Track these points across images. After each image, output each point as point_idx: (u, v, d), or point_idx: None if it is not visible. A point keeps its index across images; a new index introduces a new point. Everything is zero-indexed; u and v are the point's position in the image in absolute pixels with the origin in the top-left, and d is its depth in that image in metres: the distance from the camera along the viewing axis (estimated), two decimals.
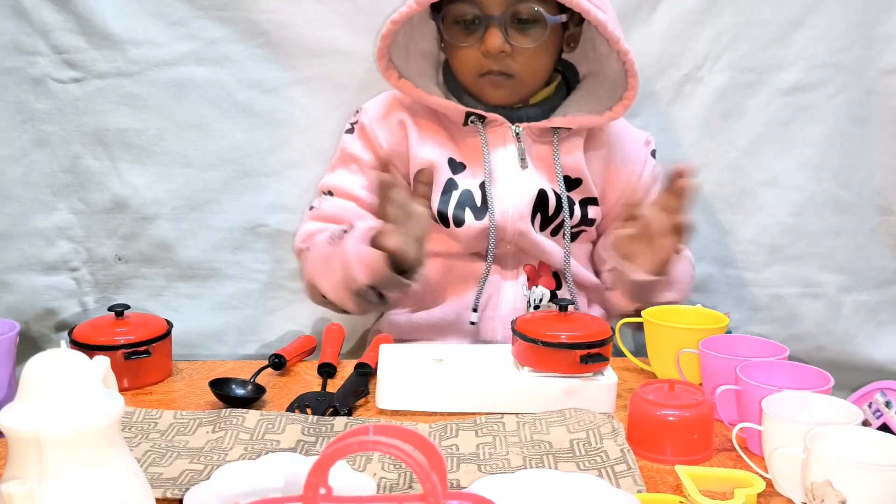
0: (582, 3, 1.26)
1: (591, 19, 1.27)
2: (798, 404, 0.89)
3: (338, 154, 1.48)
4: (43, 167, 1.62)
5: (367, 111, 1.46)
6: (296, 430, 0.97)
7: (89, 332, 1.10)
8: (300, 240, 1.44)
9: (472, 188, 1.37)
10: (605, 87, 1.42)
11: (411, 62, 1.39)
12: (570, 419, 0.99)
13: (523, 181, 1.37)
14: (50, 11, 1.56)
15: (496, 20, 1.30)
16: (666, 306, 1.21)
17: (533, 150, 1.39)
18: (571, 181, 1.41)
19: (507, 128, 1.38)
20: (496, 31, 1.30)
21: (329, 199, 1.42)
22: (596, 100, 1.42)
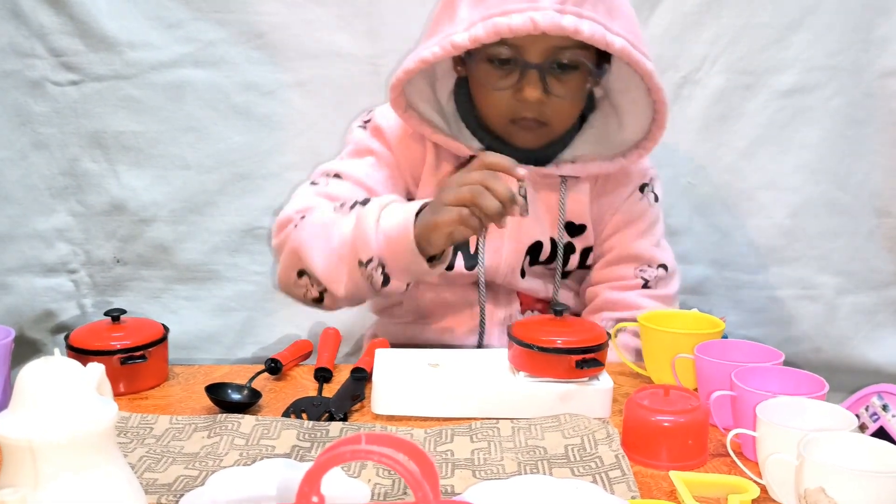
0: (633, 53, 1.16)
1: (638, 70, 1.19)
2: (792, 410, 0.89)
3: (349, 147, 1.37)
4: (41, 169, 1.63)
5: (386, 117, 1.34)
6: (291, 435, 0.97)
7: (85, 337, 1.10)
8: (294, 210, 1.28)
9: None
10: (615, 121, 1.33)
11: (413, 82, 1.27)
12: (564, 424, 0.99)
13: (520, 231, 1.31)
14: (47, 14, 1.57)
15: (536, 67, 1.19)
16: (662, 311, 1.21)
17: (538, 194, 1.32)
18: (575, 227, 1.35)
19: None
20: (536, 81, 1.20)
21: (337, 181, 1.30)
22: (606, 137, 1.33)
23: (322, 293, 1.22)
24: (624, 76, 1.27)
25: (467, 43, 1.15)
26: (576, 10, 1.13)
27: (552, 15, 1.12)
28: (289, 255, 1.24)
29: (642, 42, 1.20)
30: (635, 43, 1.17)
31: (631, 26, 1.19)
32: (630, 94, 1.28)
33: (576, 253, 1.36)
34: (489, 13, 1.14)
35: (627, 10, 1.20)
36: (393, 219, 1.13)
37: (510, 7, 1.14)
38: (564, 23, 1.12)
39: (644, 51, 1.19)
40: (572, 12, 1.13)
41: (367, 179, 1.30)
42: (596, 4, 1.15)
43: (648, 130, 1.28)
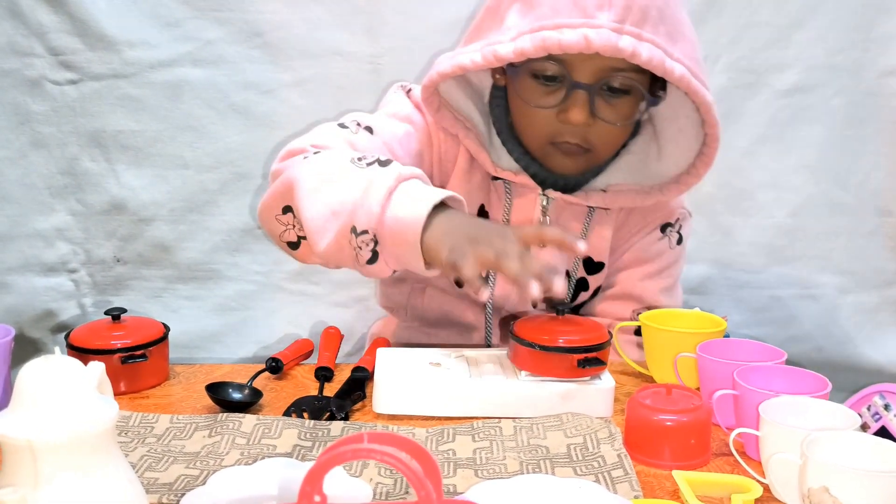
0: (693, 83, 1.06)
1: (696, 101, 1.09)
2: (795, 409, 0.89)
3: (385, 108, 1.24)
4: (41, 169, 1.63)
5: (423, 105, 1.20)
6: (292, 434, 0.97)
7: (86, 336, 1.10)
8: (310, 143, 1.13)
9: None
10: (655, 148, 1.23)
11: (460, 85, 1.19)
12: (567, 424, 0.99)
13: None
14: (46, 13, 1.56)
15: (585, 88, 1.10)
16: (664, 310, 1.21)
17: (561, 222, 1.23)
18: (594, 264, 1.28)
19: (535, 194, 1.22)
20: (583, 103, 1.10)
21: (367, 134, 1.16)
22: (644, 165, 1.24)
23: (300, 239, 1.06)
24: (673, 102, 1.17)
25: (511, 55, 1.06)
26: (635, 31, 1.03)
27: (608, 34, 1.02)
28: (282, 185, 1.06)
29: (702, 69, 1.10)
30: (695, 71, 1.07)
31: (692, 52, 1.09)
32: (677, 123, 1.19)
33: (588, 290, 1.30)
34: (539, 25, 1.04)
35: (690, 34, 1.10)
36: (406, 205, 0.97)
37: (563, 21, 1.03)
38: (622, 44, 1.02)
39: (703, 79, 1.09)
40: (631, 33, 1.03)
41: (398, 147, 1.18)
42: (657, 25, 1.04)
43: (692, 164, 1.18)
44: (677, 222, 1.31)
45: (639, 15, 1.03)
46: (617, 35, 1.02)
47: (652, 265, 1.31)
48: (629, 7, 1.03)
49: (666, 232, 1.30)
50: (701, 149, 1.17)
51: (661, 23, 1.05)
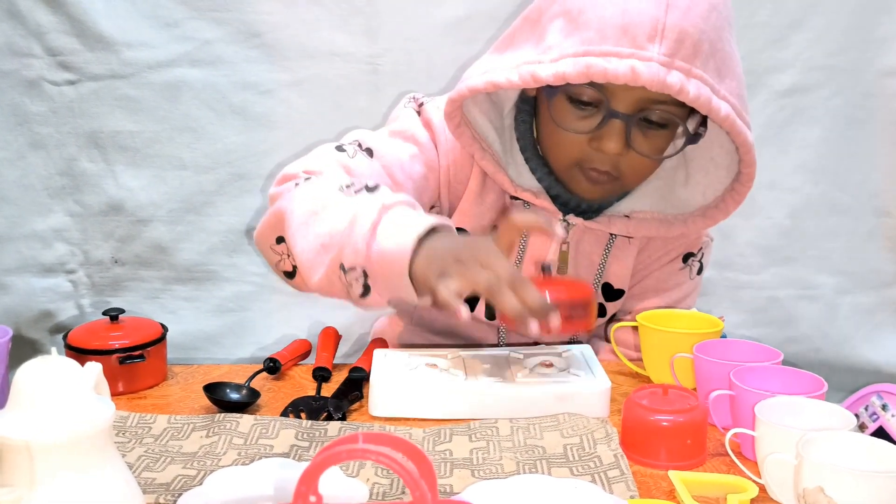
0: (737, 123, 1.02)
1: (737, 141, 1.05)
2: (791, 410, 0.89)
3: (392, 125, 1.19)
4: (39, 169, 1.63)
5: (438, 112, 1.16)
6: (290, 434, 0.97)
7: (84, 337, 1.10)
8: (303, 168, 1.10)
9: None
10: (683, 174, 1.19)
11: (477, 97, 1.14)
12: (563, 424, 0.99)
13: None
14: (44, 14, 1.57)
15: (623, 118, 1.05)
16: (661, 310, 1.21)
17: (581, 247, 1.20)
18: (613, 290, 1.25)
19: (556, 219, 1.17)
20: (619, 132, 1.05)
21: (366, 157, 1.11)
22: (670, 191, 1.19)
23: (295, 269, 1.03)
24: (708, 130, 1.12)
25: (552, 79, 1.00)
26: (685, 67, 0.98)
27: (657, 69, 0.97)
28: (274, 216, 1.04)
29: (746, 106, 1.06)
30: (741, 110, 1.03)
31: (738, 89, 1.04)
32: (710, 152, 1.14)
33: (606, 317, 1.27)
34: (584, 50, 0.99)
35: (738, 69, 1.05)
36: (392, 237, 0.93)
37: (610, 49, 0.98)
38: (670, 80, 0.97)
39: (747, 118, 1.04)
40: (681, 68, 0.98)
41: (399, 171, 1.13)
42: (708, 60, 0.99)
43: (720, 198, 1.14)
44: (700, 251, 1.28)
45: (690, 49, 0.98)
46: (666, 70, 0.98)
47: (670, 296, 1.28)
48: (681, 41, 0.98)
49: (688, 262, 1.27)
50: (733, 185, 1.13)
51: (711, 57, 1.00)
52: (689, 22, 0.98)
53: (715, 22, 1.00)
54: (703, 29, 0.99)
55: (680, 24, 0.97)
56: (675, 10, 0.97)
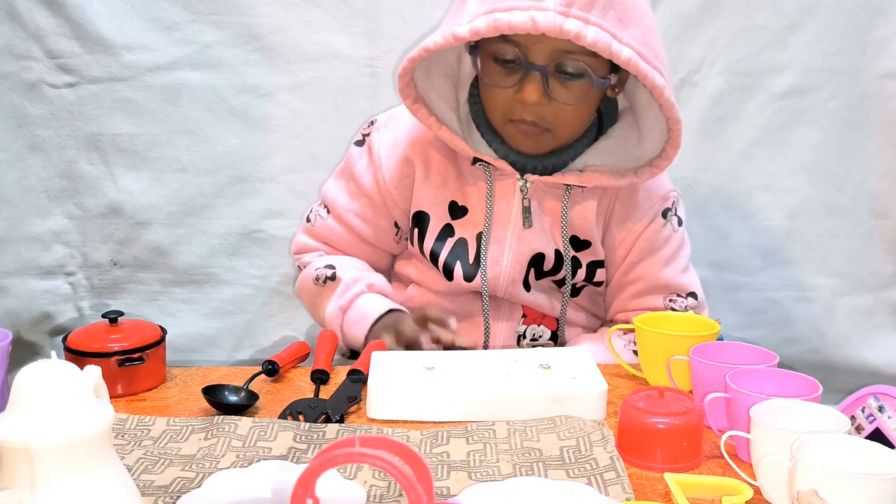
0: (641, 66, 1.11)
1: (647, 84, 1.14)
2: (786, 412, 0.89)
3: (344, 162, 1.41)
4: (38, 172, 1.64)
5: (380, 132, 1.36)
6: (288, 437, 0.97)
7: (83, 339, 1.11)
8: (294, 250, 1.45)
9: (468, 237, 1.31)
10: (636, 135, 1.29)
11: (433, 79, 1.27)
12: (560, 426, 0.99)
13: (522, 242, 1.29)
14: (44, 16, 1.57)
15: (538, 69, 1.17)
16: (657, 313, 1.21)
17: (543, 204, 1.30)
18: (580, 242, 1.32)
19: (515, 179, 1.29)
20: (537, 82, 1.17)
21: (322, 216, 1.40)
22: (623, 150, 1.29)
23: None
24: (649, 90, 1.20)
25: (467, 34, 1.12)
26: (582, 15, 1.09)
27: (554, 17, 1.09)
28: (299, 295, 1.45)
29: (657, 55, 1.15)
30: (647, 55, 1.12)
31: (646, 37, 1.13)
32: (652, 110, 1.24)
33: (582, 268, 1.33)
34: (493, 7, 1.12)
35: (644, 20, 1.15)
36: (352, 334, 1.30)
37: (514, 4, 1.10)
38: (567, 26, 1.09)
39: (657, 64, 1.13)
40: (577, 16, 1.09)
41: (346, 215, 1.37)
42: (606, 10, 1.10)
43: (663, 149, 1.24)
44: (674, 205, 1.36)
45: (586, 1, 1.09)
46: (563, 17, 1.09)
47: (664, 252, 1.35)
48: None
49: (667, 217, 1.35)
50: (668, 133, 1.21)
51: (610, 8, 1.11)
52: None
53: None
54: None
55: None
56: None
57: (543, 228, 1.31)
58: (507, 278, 1.31)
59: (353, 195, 1.37)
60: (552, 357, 1.13)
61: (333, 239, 1.40)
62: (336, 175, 1.41)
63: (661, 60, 1.15)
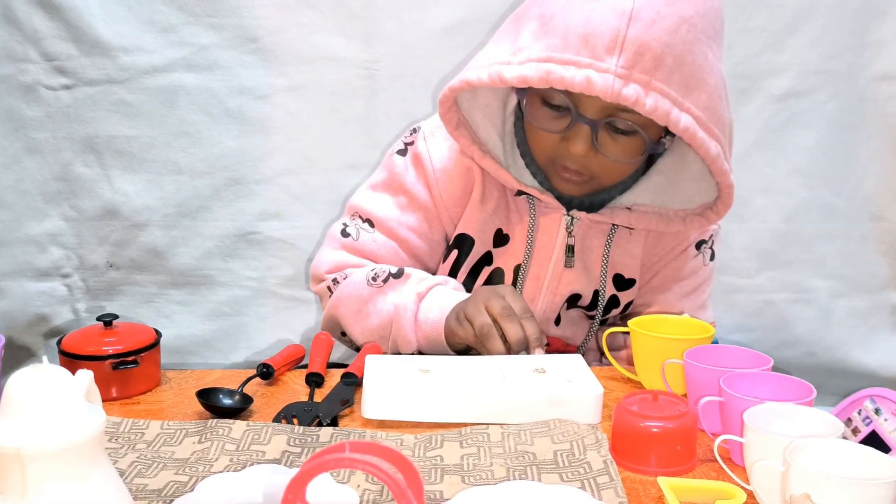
0: (698, 135, 1.04)
1: (701, 154, 1.08)
2: (780, 416, 0.89)
3: (384, 173, 1.30)
4: (34, 174, 1.64)
5: (429, 141, 1.25)
6: (281, 440, 0.97)
7: (78, 342, 1.11)
8: (326, 268, 1.30)
9: (506, 268, 1.26)
10: (686, 175, 1.22)
11: (479, 97, 1.19)
12: (554, 430, 0.99)
13: (561, 283, 1.25)
14: (41, 19, 1.57)
15: (588, 122, 1.10)
16: (652, 316, 1.21)
17: (587, 241, 1.25)
18: (624, 280, 1.28)
19: (560, 214, 1.23)
20: (585, 135, 1.10)
21: (367, 230, 1.28)
22: (673, 186, 1.23)
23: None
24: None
25: (515, 82, 1.05)
26: (644, 79, 1.01)
27: (613, 80, 1.00)
28: (329, 320, 1.29)
29: (719, 119, 1.08)
30: (707, 121, 1.05)
31: (710, 100, 1.06)
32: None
33: (619, 307, 1.30)
34: (548, 56, 1.03)
35: (711, 80, 1.06)
36: (429, 321, 1.16)
37: (571, 57, 1.02)
38: (626, 92, 1.01)
39: (716, 132, 1.07)
40: (639, 81, 1.01)
41: (398, 229, 1.26)
42: (672, 73, 1.01)
43: (713, 202, 1.19)
44: (710, 238, 1.32)
45: (651, 62, 1.01)
46: (622, 82, 1.01)
47: (688, 283, 1.31)
48: (641, 54, 1.00)
49: (701, 249, 1.31)
50: (719, 191, 1.17)
51: (676, 70, 1.02)
52: (651, 35, 1.00)
53: (685, 35, 1.02)
54: (667, 42, 1.01)
55: (641, 38, 1.00)
56: (637, 23, 1.00)
57: (586, 268, 1.25)
58: (540, 316, 1.27)
59: (404, 208, 1.27)
60: (547, 362, 1.13)
61: (383, 255, 1.28)
62: (374, 188, 1.31)
63: (721, 124, 1.08)
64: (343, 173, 1.65)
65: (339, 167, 1.66)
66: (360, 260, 1.28)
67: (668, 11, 1.01)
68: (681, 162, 1.22)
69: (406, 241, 1.27)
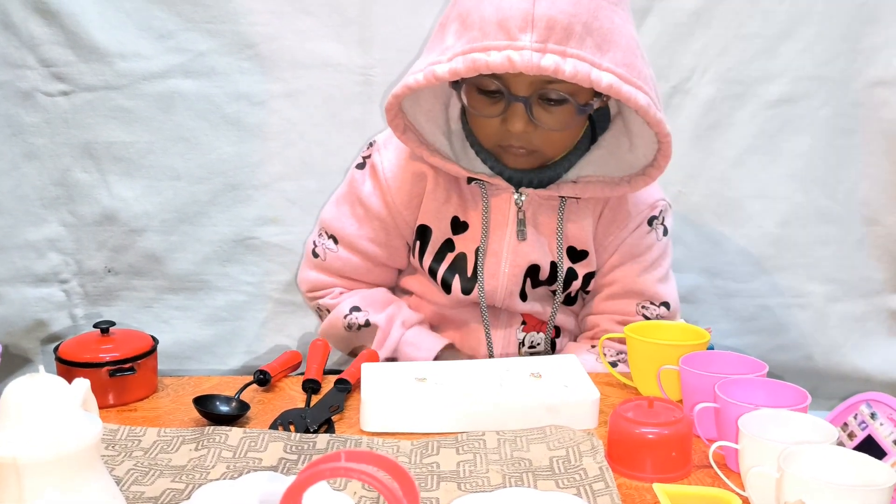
0: (623, 89, 1.11)
1: (631, 106, 1.14)
2: (775, 422, 0.90)
3: (345, 186, 1.41)
4: (33, 180, 1.64)
5: (382, 153, 1.36)
6: (278, 447, 0.98)
7: (74, 349, 1.11)
8: (305, 288, 1.44)
9: (467, 251, 1.33)
10: (627, 141, 1.29)
11: (421, 102, 1.28)
12: (550, 437, 1.00)
13: (517, 255, 1.31)
14: (38, 25, 1.57)
15: (521, 100, 1.18)
16: (649, 322, 1.22)
17: (538, 216, 1.32)
18: (577, 252, 1.34)
19: (510, 193, 1.30)
20: (521, 113, 1.19)
21: (332, 249, 1.39)
22: (615, 158, 1.30)
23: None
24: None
25: (447, 75, 1.13)
26: (559, 49, 1.09)
27: (531, 55, 1.09)
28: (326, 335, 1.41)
29: (640, 72, 1.14)
30: (628, 76, 1.12)
31: (626, 57, 1.14)
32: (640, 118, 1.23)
33: (578, 279, 1.35)
34: (470, 47, 1.12)
35: (623, 39, 1.14)
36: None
37: (491, 43, 1.11)
38: (543, 63, 1.09)
39: (639, 83, 1.13)
40: (554, 50, 1.09)
41: (358, 241, 1.37)
42: (583, 39, 1.10)
43: (654, 158, 1.25)
44: (661, 214, 1.37)
45: (562, 33, 1.09)
46: (539, 55, 1.09)
47: (645, 258, 1.36)
48: (551, 27, 1.09)
49: (653, 225, 1.36)
50: (658, 145, 1.22)
51: (587, 35, 1.11)
52: (557, 9, 1.09)
53: (587, 4, 1.11)
54: (572, 13, 1.10)
55: (548, 13, 1.09)
56: (542, 2, 1.09)
57: (539, 240, 1.32)
58: (504, 290, 1.33)
59: (361, 220, 1.37)
60: (543, 366, 1.14)
61: (349, 270, 1.39)
62: (337, 201, 1.41)
63: (643, 77, 1.15)
64: (340, 178, 1.63)
65: (336, 172, 1.65)
66: (331, 279, 1.41)
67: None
68: (617, 136, 1.30)
69: (367, 253, 1.38)
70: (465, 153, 1.31)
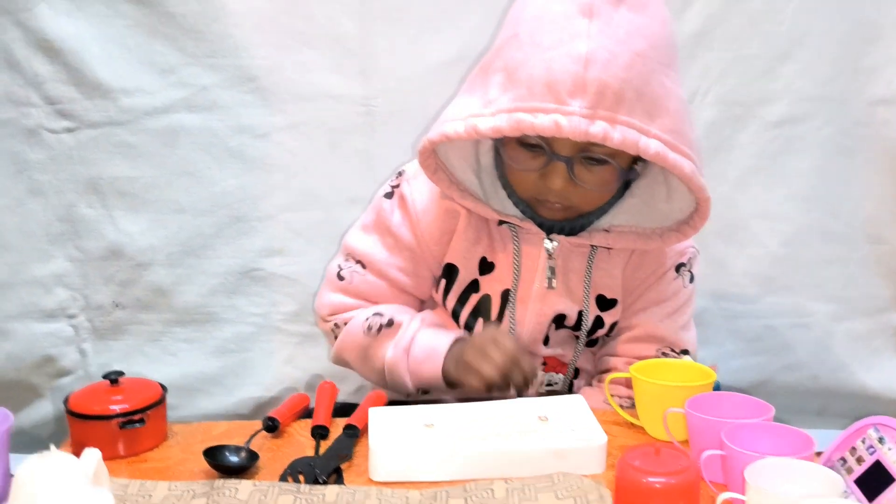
0: (669, 157, 1.08)
1: (676, 174, 1.12)
2: (781, 471, 0.90)
3: (373, 214, 1.35)
4: (38, 216, 1.65)
5: (412, 184, 1.31)
6: (288, 500, 0.98)
7: (84, 401, 1.11)
8: (327, 311, 1.36)
9: (492, 293, 1.30)
10: (664, 190, 1.25)
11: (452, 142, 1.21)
12: (558, 484, 1.00)
13: (545, 303, 1.28)
14: (42, 63, 1.58)
15: (563, 160, 1.15)
16: (654, 360, 1.22)
17: (568, 263, 1.29)
18: (606, 301, 1.31)
19: (541, 238, 1.27)
20: (561, 172, 1.15)
21: (359, 272, 1.34)
22: (649, 207, 1.26)
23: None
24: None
25: (490, 133, 1.10)
26: (608, 115, 1.06)
27: (579, 121, 1.05)
28: (339, 360, 1.37)
29: (686, 138, 1.11)
30: (675, 143, 1.09)
31: (675, 123, 1.10)
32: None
33: (604, 327, 1.33)
34: (516, 106, 1.08)
35: (672, 104, 1.11)
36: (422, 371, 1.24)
37: (538, 105, 1.07)
38: (593, 130, 1.06)
39: (686, 150, 1.10)
40: (604, 118, 1.06)
41: (387, 269, 1.32)
42: (634, 105, 1.07)
43: (691, 216, 1.22)
44: (689, 261, 1.35)
45: (612, 99, 1.06)
46: (588, 122, 1.06)
47: (669, 305, 1.34)
48: (602, 93, 1.06)
49: (680, 271, 1.34)
50: (696, 205, 1.20)
51: (637, 102, 1.07)
52: (609, 74, 1.06)
53: (640, 69, 1.07)
54: (624, 78, 1.06)
55: (599, 78, 1.05)
56: (594, 66, 1.06)
57: (568, 289, 1.29)
58: (529, 337, 1.30)
59: (392, 249, 1.32)
60: (549, 407, 1.14)
61: (375, 294, 1.34)
62: (364, 228, 1.35)
63: (689, 142, 1.12)
64: (344, 208, 1.66)
65: (339, 203, 1.67)
66: (356, 301, 1.35)
67: (621, 49, 1.07)
68: (653, 184, 1.26)
69: (395, 280, 1.34)
70: (495, 192, 1.28)
